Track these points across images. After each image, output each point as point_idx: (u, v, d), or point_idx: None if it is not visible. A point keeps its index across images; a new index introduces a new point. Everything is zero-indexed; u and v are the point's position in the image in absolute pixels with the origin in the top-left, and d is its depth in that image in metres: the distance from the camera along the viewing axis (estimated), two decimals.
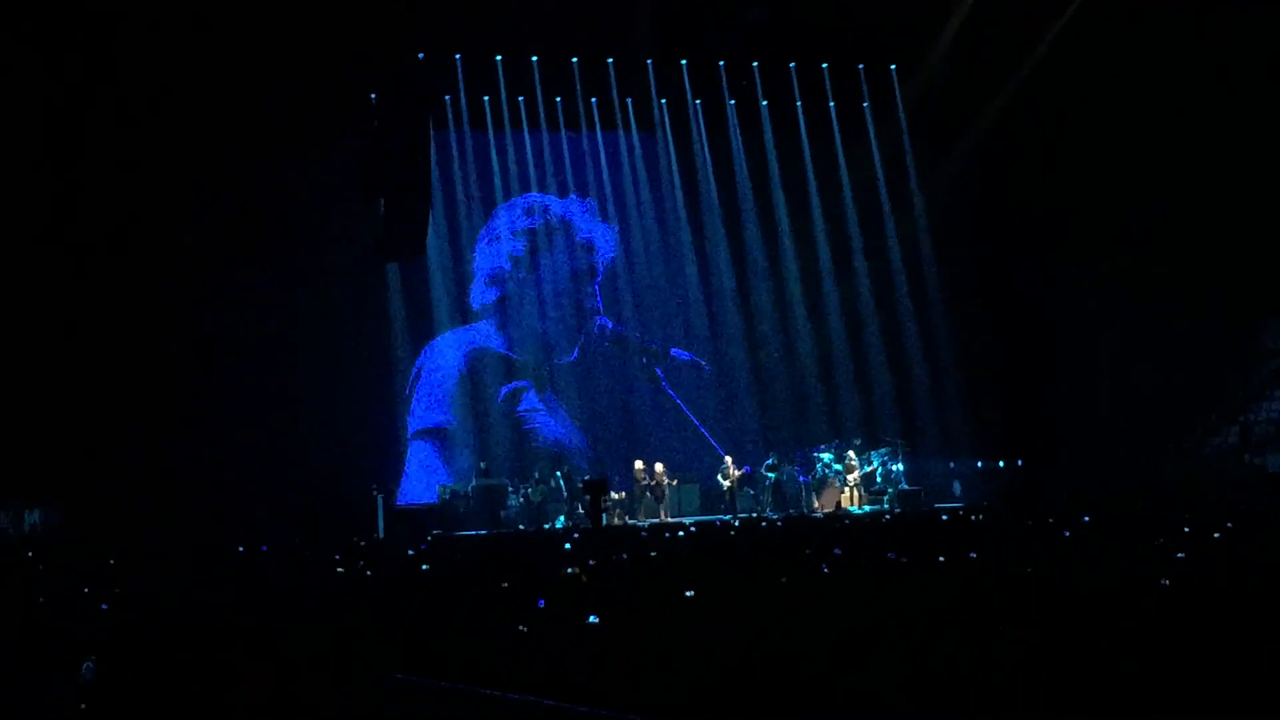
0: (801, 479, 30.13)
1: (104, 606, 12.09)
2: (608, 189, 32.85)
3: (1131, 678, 7.28)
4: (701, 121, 33.06)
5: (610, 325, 32.60)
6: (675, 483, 29.75)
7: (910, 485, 29.89)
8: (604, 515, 24.93)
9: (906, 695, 7.41)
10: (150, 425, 27.43)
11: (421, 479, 30.26)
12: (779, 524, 24.16)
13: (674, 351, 32.81)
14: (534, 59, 31.33)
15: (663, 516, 28.38)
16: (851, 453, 29.97)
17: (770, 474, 29.79)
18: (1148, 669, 7.42)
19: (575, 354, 32.08)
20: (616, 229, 32.67)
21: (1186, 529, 16.15)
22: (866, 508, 28.73)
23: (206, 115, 27.71)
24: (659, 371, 32.48)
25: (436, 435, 30.89)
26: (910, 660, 7.87)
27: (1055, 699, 7.16)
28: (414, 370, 31.04)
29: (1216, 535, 15.12)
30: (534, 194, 32.34)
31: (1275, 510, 19.09)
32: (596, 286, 32.41)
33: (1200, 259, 31.98)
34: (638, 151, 33.09)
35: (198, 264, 28.35)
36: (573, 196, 32.49)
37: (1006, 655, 7.78)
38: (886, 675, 7.65)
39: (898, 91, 33.57)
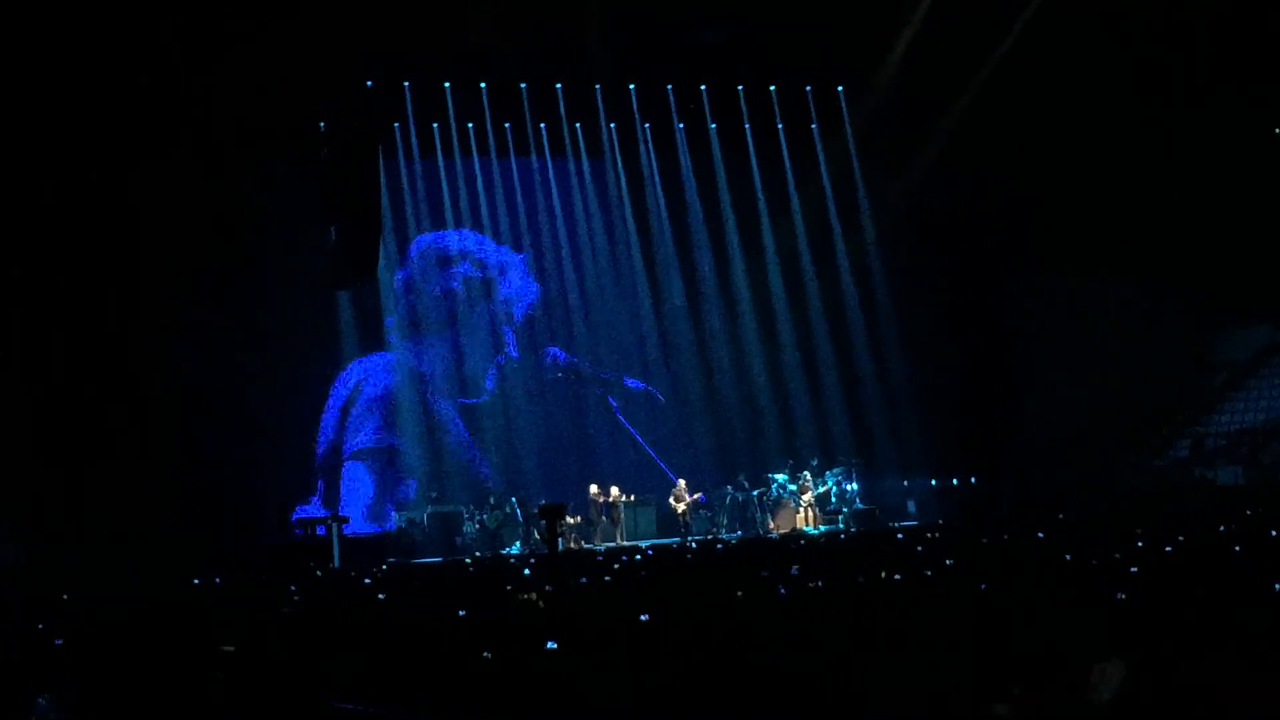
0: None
1: (58, 642, 11.97)
2: (558, 214, 32.85)
3: (1089, 690, 7.32)
4: (651, 145, 33.13)
5: (562, 356, 32.58)
6: (631, 498, 29.72)
7: (865, 504, 29.98)
8: (560, 540, 24.87)
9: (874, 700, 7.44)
10: (104, 454, 27.24)
11: (355, 503, 30.05)
12: (735, 545, 24.19)
13: (627, 381, 32.81)
14: (482, 85, 31.35)
15: (619, 540, 28.34)
16: (807, 473, 30.05)
17: (739, 493, 29.95)
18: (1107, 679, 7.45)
19: (486, 395, 31.79)
20: (539, 289, 32.51)
21: (1140, 543, 16.25)
22: (822, 528, 28.79)
23: (155, 143, 27.65)
24: (613, 401, 32.46)
25: (376, 455, 30.67)
26: (873, 670, 7.90)
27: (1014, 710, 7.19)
28: (348, 392, 30.78)
29: (1169, 549, 15.21)
30: (465, 232, 32.16)
31: (1225, 523, 19.20)
32: (511, 331, 32.17)
33: (1154, 273, 32.26)
34: (587, 176, 33.11)
35: (148, 290, 28.22)
36: (504, 248, 32.33)
37: (961, 671, 7.81)
38: (854, 682, 7.68)
39: (845, 112, 33.75)
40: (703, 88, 32.91)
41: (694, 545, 24.67)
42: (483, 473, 31.09)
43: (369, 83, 29.32)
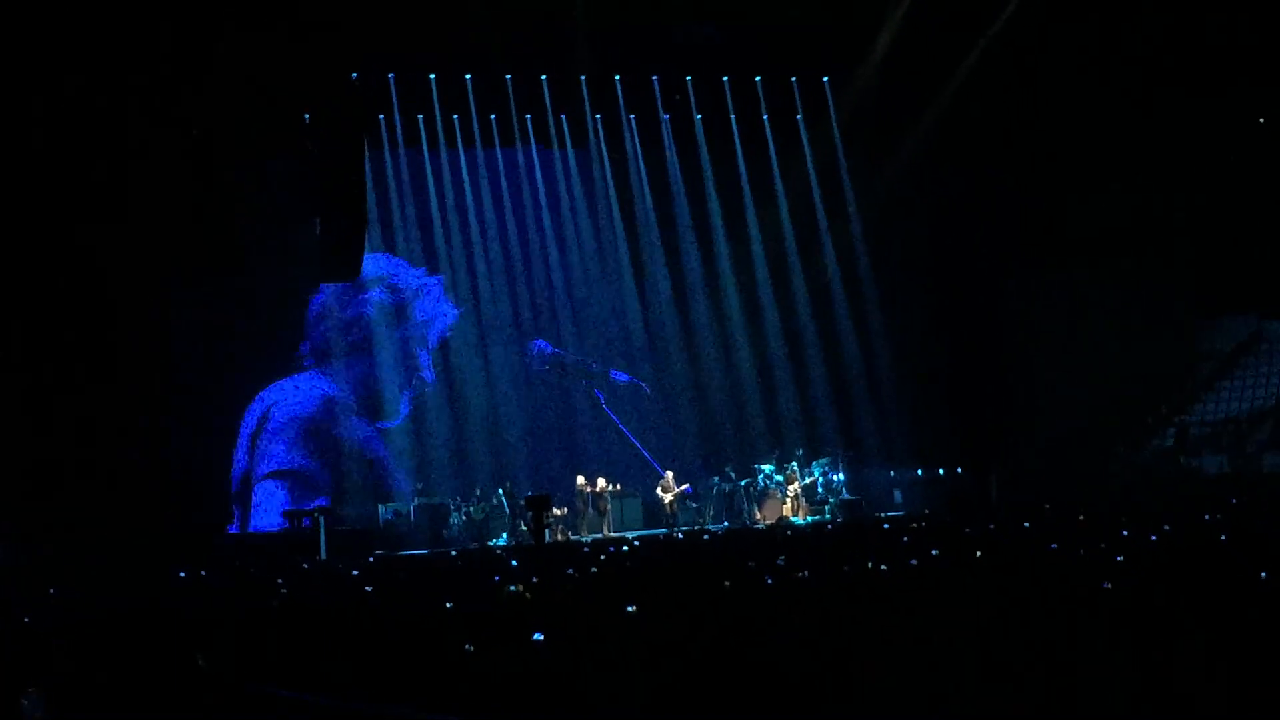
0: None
1: (48, 638, 11.95)
2: (544, 206, 32.81)
3: (1075, 680, 7.34)
4: (636, 137, 33.09)
5: (549, 348, 32.54)
6: (617, 487, 29.76)
7: (851, 494, 30.02)
8: (546, 531, 24.88)
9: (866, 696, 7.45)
10: (91, 452, 27.15)
11: (268, 517, 29.85)
12: (721, 536, 24.22)
13: (613, 374, 32.77)
14: (467, 77, 31.31)
15: (605, 531, 28.37)
16: (794, 464, 30.11)
17: (726, 484, 30.07)
18: (1092, 670, 7.48)
19: (400, 419, 31.55)
20: (458, 312, 32.15)
21: (1125, 532, 16.30)
22: (809, 518, 28.83)
23: (143, 136, 27.54)
24: (599, 394, 32.41)
25: (286, 476, 30.28)
26: (862, 662, 7.92)
27: (1002, 703, 7.21)
28: (260, 409, 30.63)
29: (1154, 538, 15.26)
30: (379, 256, 31.70)
31: (1210, 512, 19.26)
32: (426, 354, 31.89)
33: (1140, 263, 32.33)
34: (573, 168, 33.07)
35: (140, 286, 28.15)
36: (419, 271, 32.05)
37: (951, 661, 7.83)
38: (844, 678, 7.69)
39: (831, 103, 33.73)
40: (688, 79, 32.85)
41: (680, 536, 24.69)
42: (402, 489, 30.72)
43: (353, 75, 29.33)
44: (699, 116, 33.14)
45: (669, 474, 29.97)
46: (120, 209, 27.83)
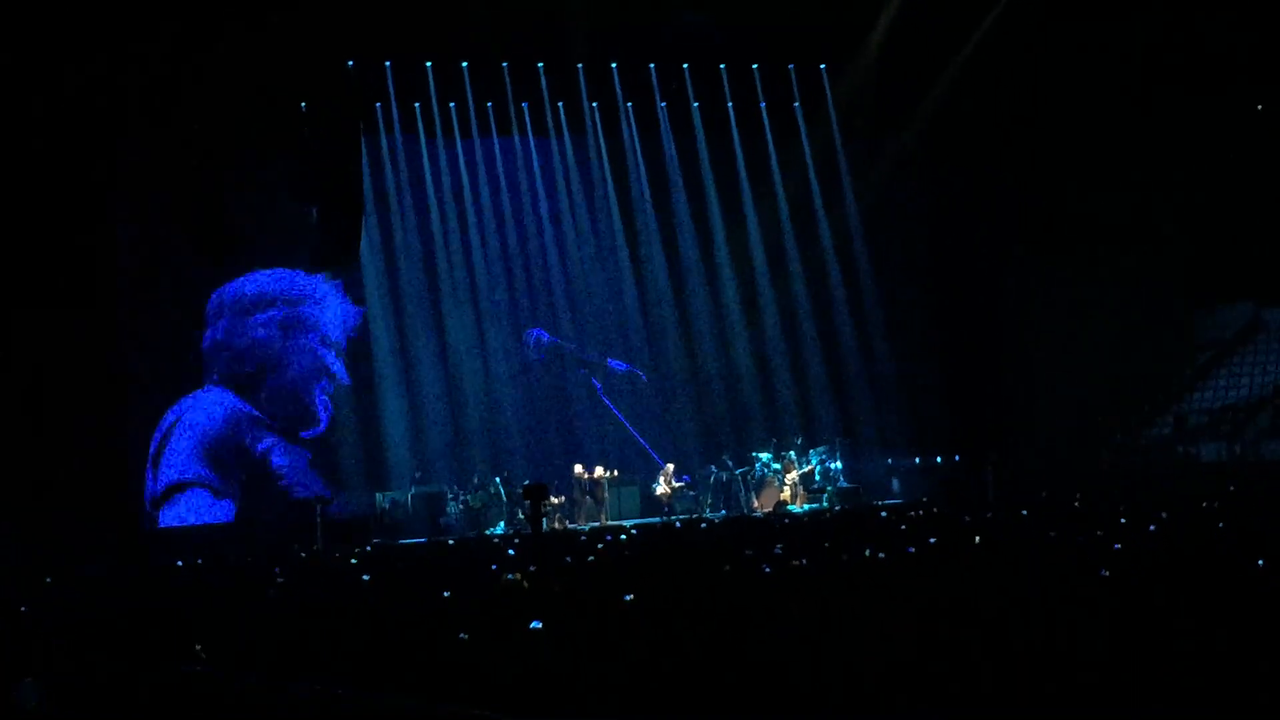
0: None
1: (48, 626, 11.94)
2: (541, 195, 32.73)
3: (1074, 669, 7.32)
4: (634, 125, 33.02)
5: (546, 337, 32.47)
6: (614, 474, 29.75)
7: (849, 483, 30.02)
8: (544, 520, 24.84)
9: (862, 691, 7.42)
10: (84, 445, 27.15)
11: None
12: (719, 524, 24.20)
13: (610, 362, 32.70)
14: (464, 65, 31.23)
15: (603, 520, 28.36)
16: (791, 452, 30.11)
17: (723, 473, 30.08)
18: (1090, 659, 7.46)
19: (323, 425, 31.32)
20: (361, 310, 31.37)
21: (1123, 520, 16.30)
22: (806, 506, 28.83)
23: (139, 126, 27.52)
24: (596, 383, 32.32)
25: (191, 487, 29.91)
26: (859, 655, 7.89)
27: (999, 694, 7.19)
28: (164, 426, 30.05)
29: (1152, 527, 15.24)
30: (271, 272, 31.00)
31: (1209, 500, 19.27)
32: (333, 357, 31.52)
33: (1137, 251, 32.32)
34: (570, 156, 32.98)
35: (134, 278, 28.15)
36: (316, 278, 31.12)
37: (949, 651, 7.81)
38: (840, 671, 7.66)
39: (828, 91, 33.66)
40: (685, 67, 32.76)
41: (678, 525, 24.67)
42: (320, 492, 30.41)
43: (349, 62, 29.27)
44: (696, 105, 33.07)
45: (670, 466, 29.95)
46: (116, 206, 27.81)
